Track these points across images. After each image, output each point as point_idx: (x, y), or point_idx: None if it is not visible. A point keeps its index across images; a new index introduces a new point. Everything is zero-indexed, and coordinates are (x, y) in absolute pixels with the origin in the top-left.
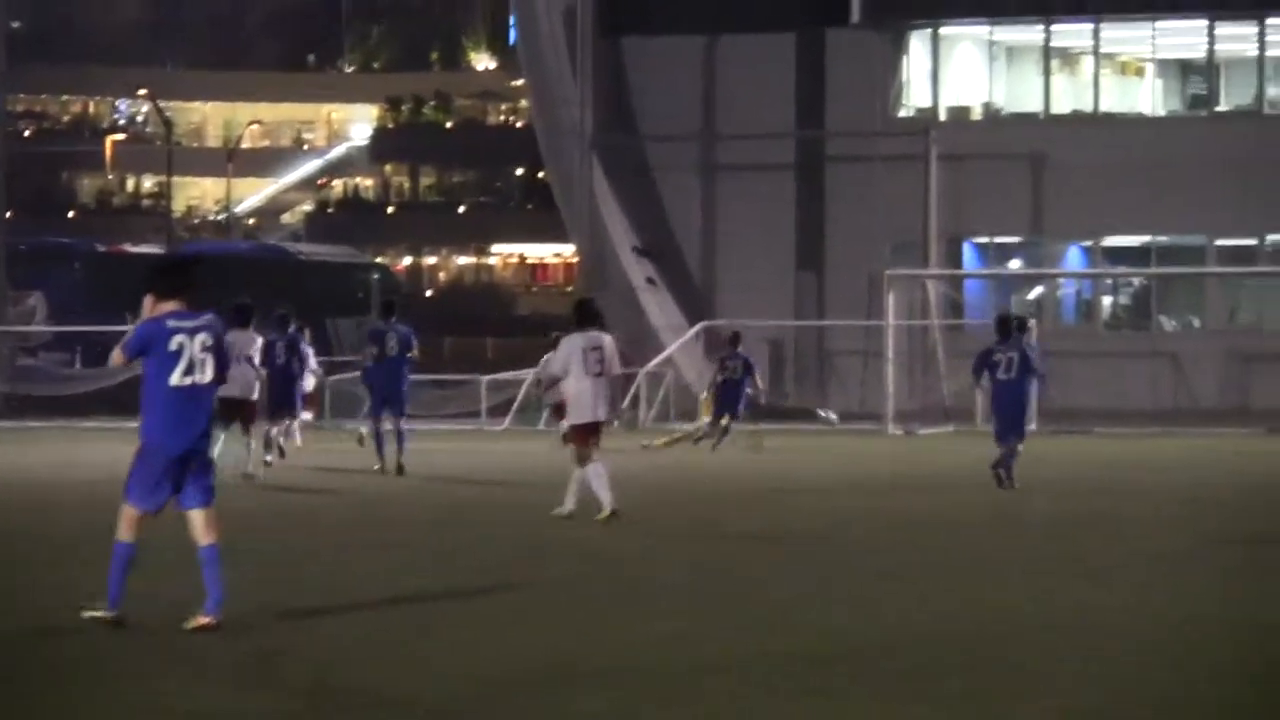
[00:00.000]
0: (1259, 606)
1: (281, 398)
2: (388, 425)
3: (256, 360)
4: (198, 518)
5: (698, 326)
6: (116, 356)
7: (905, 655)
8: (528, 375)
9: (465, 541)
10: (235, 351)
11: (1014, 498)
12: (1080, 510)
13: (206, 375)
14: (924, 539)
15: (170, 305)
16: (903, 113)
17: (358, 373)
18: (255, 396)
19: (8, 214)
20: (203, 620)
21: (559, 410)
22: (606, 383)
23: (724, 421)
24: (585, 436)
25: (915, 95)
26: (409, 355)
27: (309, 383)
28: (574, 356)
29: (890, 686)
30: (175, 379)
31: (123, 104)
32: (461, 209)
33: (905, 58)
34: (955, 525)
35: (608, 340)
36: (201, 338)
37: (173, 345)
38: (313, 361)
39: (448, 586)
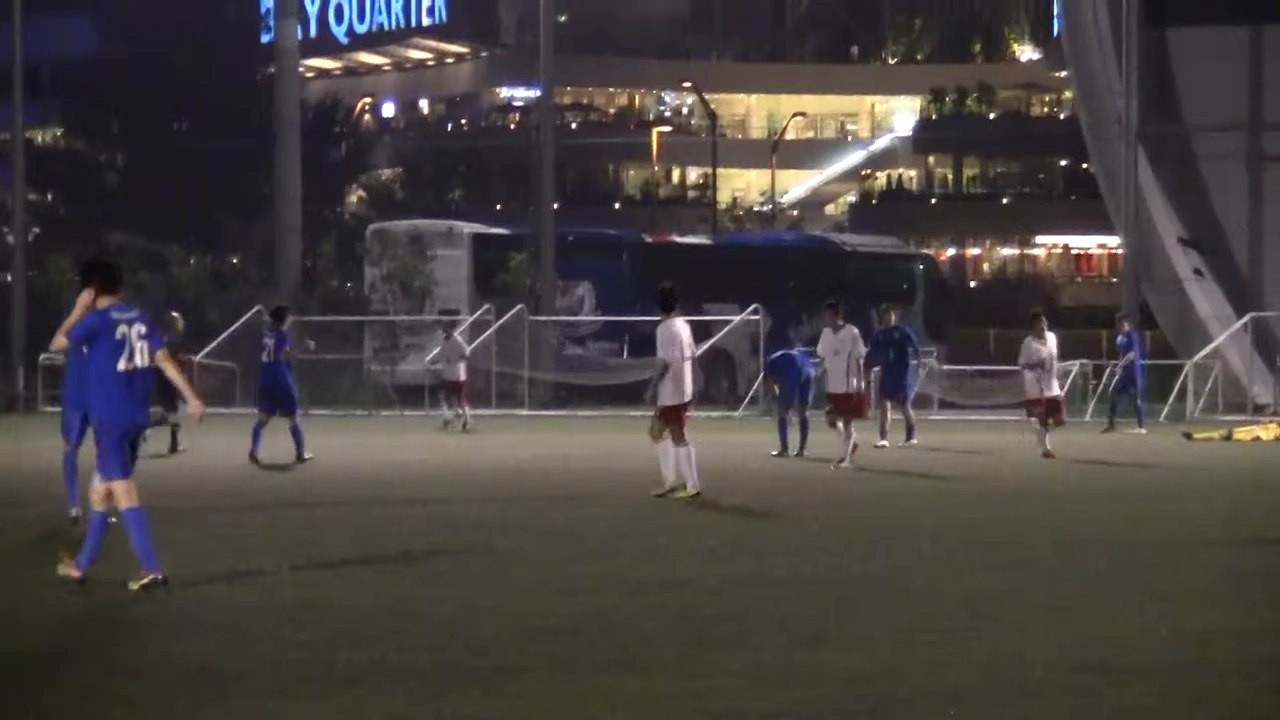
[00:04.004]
0: None
1: None
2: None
3: None
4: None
5: (1246, 318)
6: (60, 341)
7: None
8: (1073, 366)
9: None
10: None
11: None
12: None
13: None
14: None
15: (108, 299)
16: None
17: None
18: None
19: (555, 205)
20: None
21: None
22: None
23: None
24: (680, 415)
25: None
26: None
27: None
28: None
29: None
30: (121, 365)
31: (667, 96)
32: (1005, 200)
33: None
34: None
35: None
36: (138, 327)
37: (117, 334)
38: None
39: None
